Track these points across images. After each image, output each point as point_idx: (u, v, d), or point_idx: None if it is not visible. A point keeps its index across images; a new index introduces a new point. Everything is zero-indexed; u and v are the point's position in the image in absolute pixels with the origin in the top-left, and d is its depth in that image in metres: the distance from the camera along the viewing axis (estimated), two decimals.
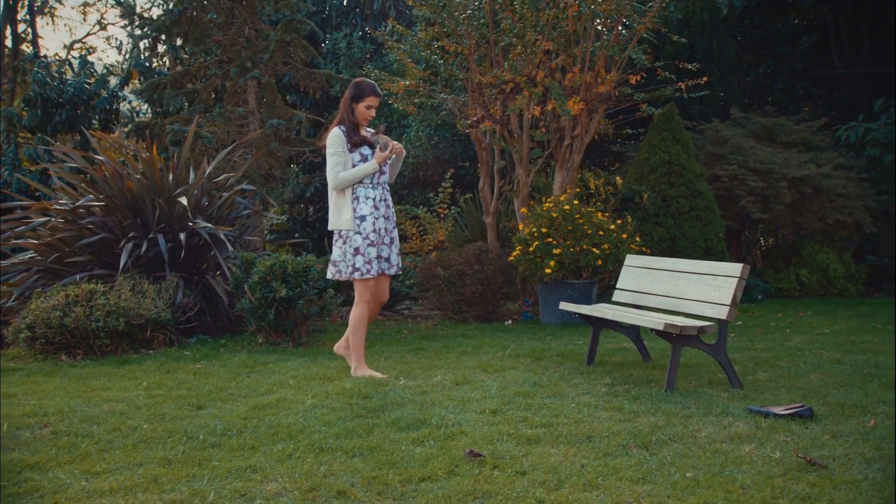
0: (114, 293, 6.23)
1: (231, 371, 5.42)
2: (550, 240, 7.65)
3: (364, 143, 5.22)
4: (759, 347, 6.28)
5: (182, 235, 6.93)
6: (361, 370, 5.19)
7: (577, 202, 8.17)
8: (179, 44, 11.85)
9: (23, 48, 20.80)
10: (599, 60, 8.05)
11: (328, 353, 6.09)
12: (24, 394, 4.74)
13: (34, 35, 21.26)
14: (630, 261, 5.82)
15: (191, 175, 7.88)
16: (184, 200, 7.10)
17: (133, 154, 8.18)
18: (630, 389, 4.68)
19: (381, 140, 5.20)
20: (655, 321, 4.70)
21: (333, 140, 5.15)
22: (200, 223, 7.09)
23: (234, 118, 9.57)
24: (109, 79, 13.68)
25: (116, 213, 7.15)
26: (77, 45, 24.62)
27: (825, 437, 3.64)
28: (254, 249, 8.44)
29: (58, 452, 3.48)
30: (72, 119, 12.40)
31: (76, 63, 14.16)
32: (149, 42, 10.75)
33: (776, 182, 10.04)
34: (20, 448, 3.56)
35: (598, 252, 7.57)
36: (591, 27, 8.05)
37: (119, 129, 12.91)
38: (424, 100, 9.27)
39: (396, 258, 5.30)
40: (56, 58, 20.75)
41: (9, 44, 19.96)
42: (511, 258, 7.91)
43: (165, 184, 7.41)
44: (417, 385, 4.83)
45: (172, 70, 12.36)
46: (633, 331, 5.67)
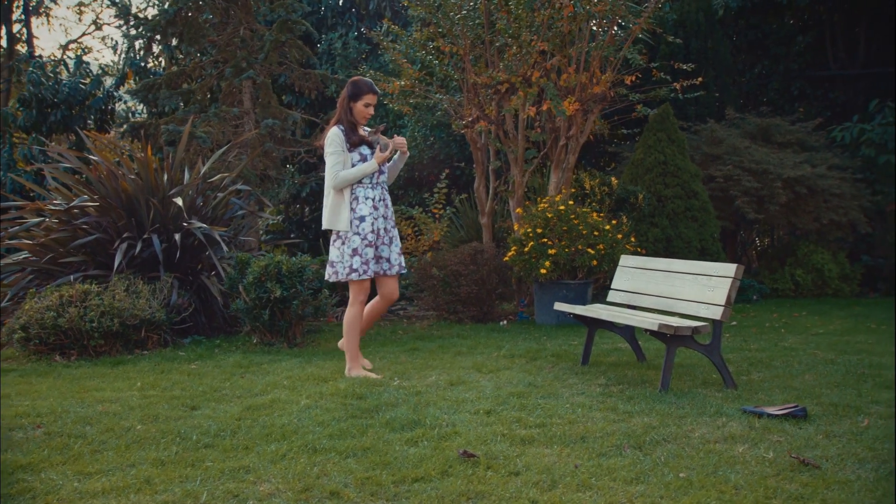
0: (108, 294, 6.22)
1: (225, 371, 5.41)
2: (545, 240, 7.64)
3: (363, 143, 5.21)
4: (754, 348, 6.28)
5: (177, 236, 6.92)
6: (356, 370, 5.19)
7: (573, 202, 8.17)
8: (175, 44, 11.82)
9: (18, 48, 20.75)
10: (594, 61, 8.05)
11: (323, 354, 6.09)
12: (18, 394, 4.73)
13: (29, 35, 21.22)
14: (625, 261, 5.83)
15: (186, 175, 7.87)
16: (179, 201, 7.09)
17: (128, 154, 8.16)
18: (624, 390, 4.68)
19: (382, 140, 5.19)
20: (650, 321, 4.71)
21: (333, 139, 5.13)
22: (195, 223, 7.08)
23: (230, 118, 9.56)
24: (105, 79, 13.66)
25: (111, 214, 7.14)
26: (72, 46, 24.59)
27: (819, 438, 3.65)
28: (249, 250, 8.44)
29: (50, 453, 3.48)
30: (67, 119, 12.37)
31: (71, 63, 14.13)
32: (144, 42, 10.72)
33: (771, 182, 10.05)
34: (13, 449, 3.56)
35: (593, 252, 7.57)
36: (587, 27, 8.05)
37: (114, 130, 12.88)
38: (420, 100, 9.26)
39: (397, 258, 5.29)
40: (51, 58, 20.71)
41: (3, 44, 19.94)
42: (506, 258, 7.90)
43: (160, 184, 7.40)
44: (412, 385, 4.83)
45: (168, 70, 12.34)
46: (628, 331, 5.67)
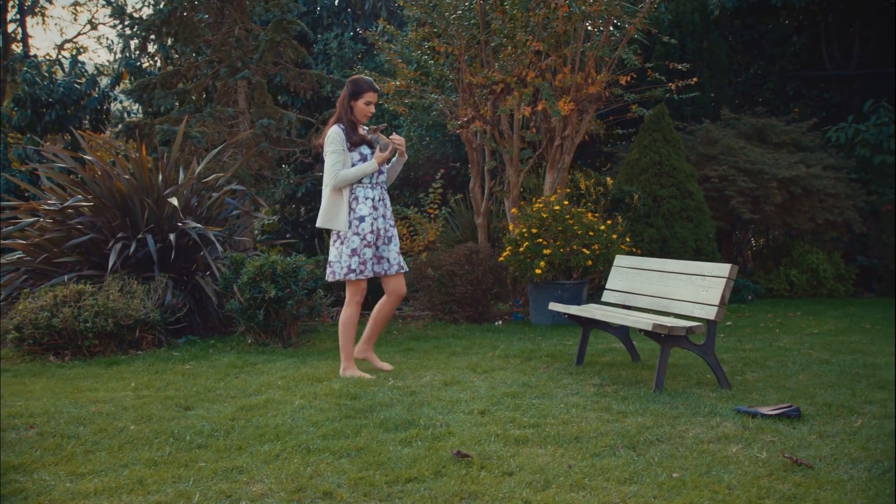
0: (102, 294, 6.20)
1: (220, 372, 5.40)
2: (541, 240, 7.65)
3: (363, 143, 5.19)
4: (748, 348, 6.29)
5: (171, 236, 6.90)
6: (350, 371, 5.18)
7: (568, 203, 8.17)
8: (170, 44, 11.80)
9: (13, 48, 20.70)
10: (590, 61, 8.05)
11: (317, 354, 6.09)
12: (11, 395, 4.71)
13: (24, 34, 21.17)
14: (619, 261, 5.83)
15: (180, 175, 7.86)
16: (174, 201, 7.07)
17: (123, 154, 8.14)
18: (619, 390, 4.69)
19: (382, 140, 5.18)
20: (644, 321, 4.71)
21: (333, 138, 5.12)
22: (190, 223, 7.07)
23: (225, 118, 9.54)
24: (100, 79, 13.62)
25: (105, 214, 7.12)
26: (68, 45, 24.54)
27: (812, 438, 3.65)
28: (244, 250, 8.42)
29: (43, 454, 3.47)
30: (62, 119, 12.34)
31: (66, 63, 14.10)
32: (138, 42, 10.69)
33: (766, 182, 10.06)
34: (5, 449, 3.54)
35: (588, 252, 7.57)
36: (582, 28, 8.05)
37: (109, 130, 12.85)
38: (415, 100, 9.26)
39: (396, 257, 5.28)
40: (46, 58, 20.67)
41: None
42: (501, 258, 7.90)
43: (155, 184, 7.39)
44: (406, 386, 4.82)
45: (163, 70, 12.33)
46: (623, 331, 5.67)
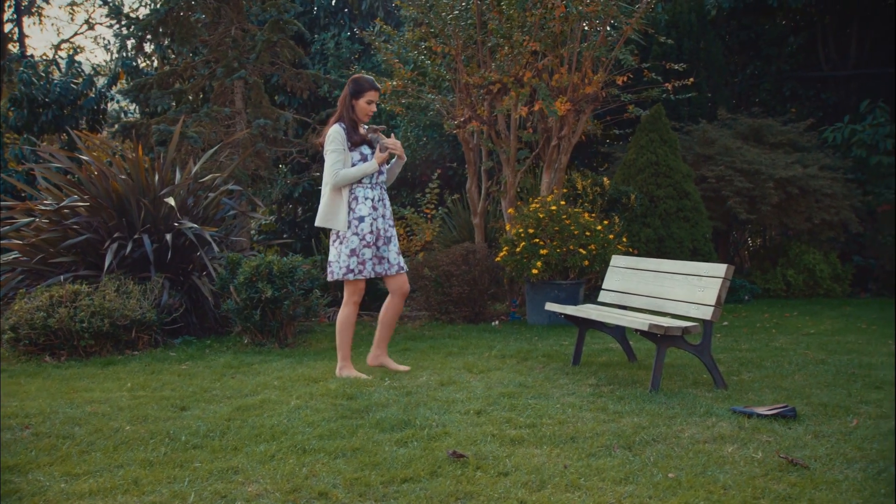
0: (98, 294, 6.19)
1: (216, 372, 5.40)
2: (537, 240, 7.64)
3: (364, 143, 5.19)
4: (745, 348, 6.29)
5: (168, 236, 6.90)
6: (346, 371, 5.18)
7: (564, 203, 8.17)
8: (166, 44, 11.78)
9: (9, 48, 20.67)
10: (586, 61, 8.06)
11: (314, 354, 6.08)
12: (6, 395, 4.71)
13: (21, 34, 21.15)
14: (615, 261, 5.83)
15: (177, 175, 7.85)
16: (171, 201, 7.06)
17: (119, 154, 8.13)
18: (615, 390, 4.69)
19: (382, 140, 5.17)
20: (640, 321, 4.71)
21: (334, 137, 5.11)
22: (186, 224, 7.06)
23: (221, 118, 9.53)
24: (97, 79, 13.60)
25: (101, 214, 7.11)
26: (64, 45, 24.51)
27: (807, 438, 3.66)
28: (240, 250, 8.41)
29: (38, 454, 3.46)
30: (58, 119, 12.32)
31: (63, 63, 14.08)
32: (135, 42, 10.68)
33: (763, 183, 10.07)
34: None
35: (585, 253, 7.57)
36: (578, 28, 8.05)
37: (106, 130, 12.84)
38: (412, 100, 9.25)
39: (396, 257, 5.26)
40: (43, 58, 20.62)
41: None
42: (498, 259, 7.90)
43: (151, 184, 7.38)
44: (402, 386, 4.82)
45: (159, 70, 12.31)
46: (619, 331, 5.67)
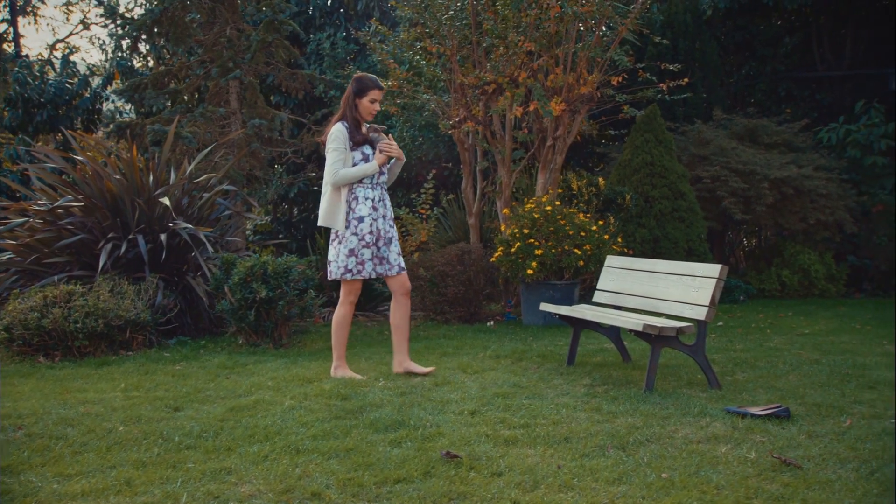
0: (93, 294, 6.18)
1: (210, 372, 5.39)
2: (532, 241, 7.64)
3: (366, 143, 5.17)
4: (739, 348, 6.30)
5: (162, 236, 6.88)
6: (341, 370, 5.17)
7: (560, 203, 8.17)
8: (161, 44, 11.76)
9: (4, 48, 20.61)
10: (581, 62, 8.06)
11: (308, 355, 6.07)
12: None
13: (16, 34, 21.08)
14: (610, 261, 5.83)
15: (172, 175, 7.83)
16: (166, 200, 7.05)
17: (114, 154, 8.11)
18: (609, 390, 4.69)
19: (380, 142, 5.15)
20: (634, 322, 4.71)
21: (336, 136, 5.09)
22: (181, 224, 7.05)
23: (216, 118, 9.51)
24: (92, 79, 13.57)
25: (96, 214, 7.10)
26: (60, 45, 24.46)
27: (801, 438, 3.66)
28: (235, 250, 8.40)
29: (30, 455, 3.45)
30: (53, 119, 12.29)
31: (58, 63, 14.05)
32: (130, 42, 10.65)
33: (758, 183, 10.09)
34: None
35: (580, 253, 7.57)
36: (573, 28, 8.06)
37: (101, 130, 12.81)
38: (407, 100, 9.25)
39: (396, 258, 5.23)
40: (38, 58, 20.58)
41: None
42: (493, 259, 7.90)
43: (146, 184, 7.36)
44: (396, 386, 4.81)
45: (155, 70, 12.28)
46: (614, 331, 5.67)
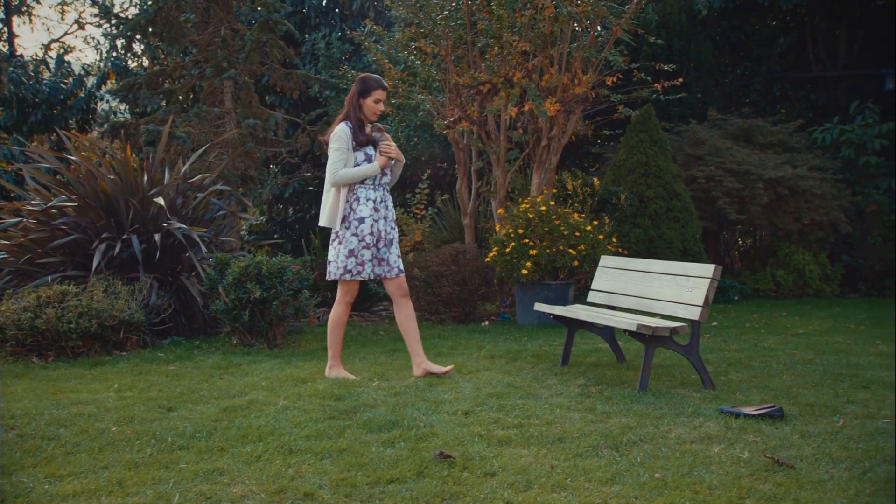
0: (86, 294, 6.16)
1: (204, 373, 5.38)
2: (527, 241, 7.65)
3: (369, 143, 5.16)
4: (733, 348, 6.31)
5: (156, 236, 6.87)
6: (335, 370, 5.17)
7: (554, 203, 8.17)
8: (156, 44, 11.74)
9: None
10: (576, 62, 8.06)
11: (303, 355, 6.07)
12: None
13: (10, 34, 21.02)
14: (604, 261, 5.83)
15: (166, 175, 7.82)
16: (160, 200, 7.04)
17: (108, 154, 8.09)
18: (603, 390, 4.69)
19: (381, 144, 5.15)
20: (628, 322, 4.71)
21: (339, 136, 5.08)
22: (175, 224, 7.03)
23: (211, 118, 9.50)
24: (87, 79, 13.54)
25: (90, 214, 7.08)
26: (54, 45, 24.39)
27: (794, 438, 3.66)
28: (230, 250, 8.39)
29: (22, 456, 3.44)
30: (48, 119, 12.27)
31: (53, 63, 14.02)
32: (124, 41, 10.63)
33: (753, 183, 10.10)
34: None
35: (575, 253, 7.58)
36: (568, 28, 8.06)
37: (96, 130, 12.79)
38: (402, 101, 9.25)
39: (395, 260, 5.21)
40: (33, 57, 20.53)
41: None
42: (488, 259, 7.89)
43: (140, 184, 7.35)
44: (391, 386, 4.81)
45: (149, 70, 12.26)
46: (608, 332, 5.68)
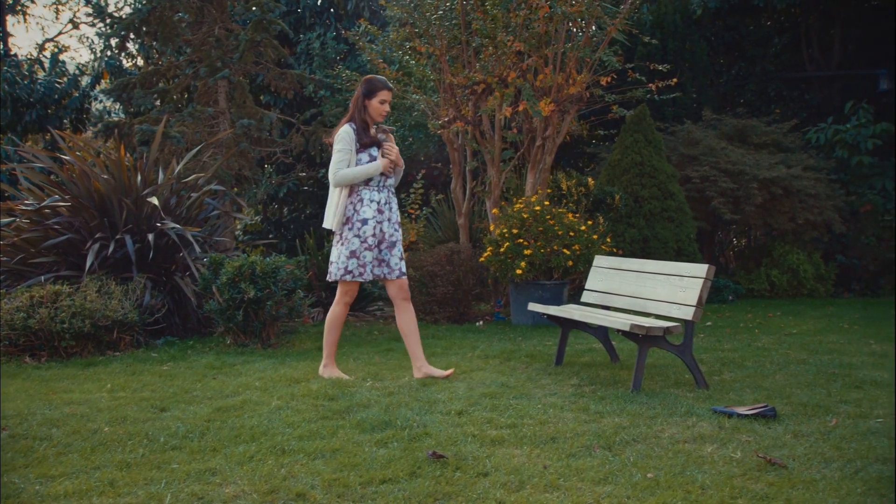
0: (80, 294, 6.15)
1: (197, 373, 5.37)
2: (521, 241, 7.65)
3: (374, 145, 5.13)
4: (727, 348, 6.31)
5: (150, 236, 6.85)
6: (329, 370, 5.16)
7: (549, 203, 8.17)
8: (150, 43, 11.71)
9: None
10: (571, 62, 8.06)
11: (296, 355, 6.06)
12: None
13: (4, 33, 20.95)
14: (598, 261, 5.83)
15: (160, 175, 7.80)
16: (154, 200, 7.03)
17: (102, 154, 8.07)
18: (596, 390, 4.69)
19: (384, 145, 5.14)
20: (622, 322, 4.72)
21: (342, 137, 5.06)
22: (169, 224, 7.02)
23: (205, 118, 9.48)
24: (81, 78, 13.51)
25: (83, 214, 7.06)
26: (49, 44, 24.33)
27: (787, 437, 3.67)
28: (224, 250, 8.37)
29: (14, 456, 3.43)
30: (42, 119, 12.24)
31: (47, 62, 13.98)
32: (118, 41, 10.60)
33: (747, 183, 10.12)
34: None
35: (569, 253, 7.58)
36: (563, 28, 8.06)
37: (90, 129, 12.75)
38: (397, 100, 9.25)
39: (398, 262, 5.17)
40: (27, 57, 20.49)
41: None
42: (482, 259, 7.89)
43: (133, 184, 7.33)
44: (384, 386, 4.81)
45: (143, 69, 12.23)
46: (602, 331, 5.68)
